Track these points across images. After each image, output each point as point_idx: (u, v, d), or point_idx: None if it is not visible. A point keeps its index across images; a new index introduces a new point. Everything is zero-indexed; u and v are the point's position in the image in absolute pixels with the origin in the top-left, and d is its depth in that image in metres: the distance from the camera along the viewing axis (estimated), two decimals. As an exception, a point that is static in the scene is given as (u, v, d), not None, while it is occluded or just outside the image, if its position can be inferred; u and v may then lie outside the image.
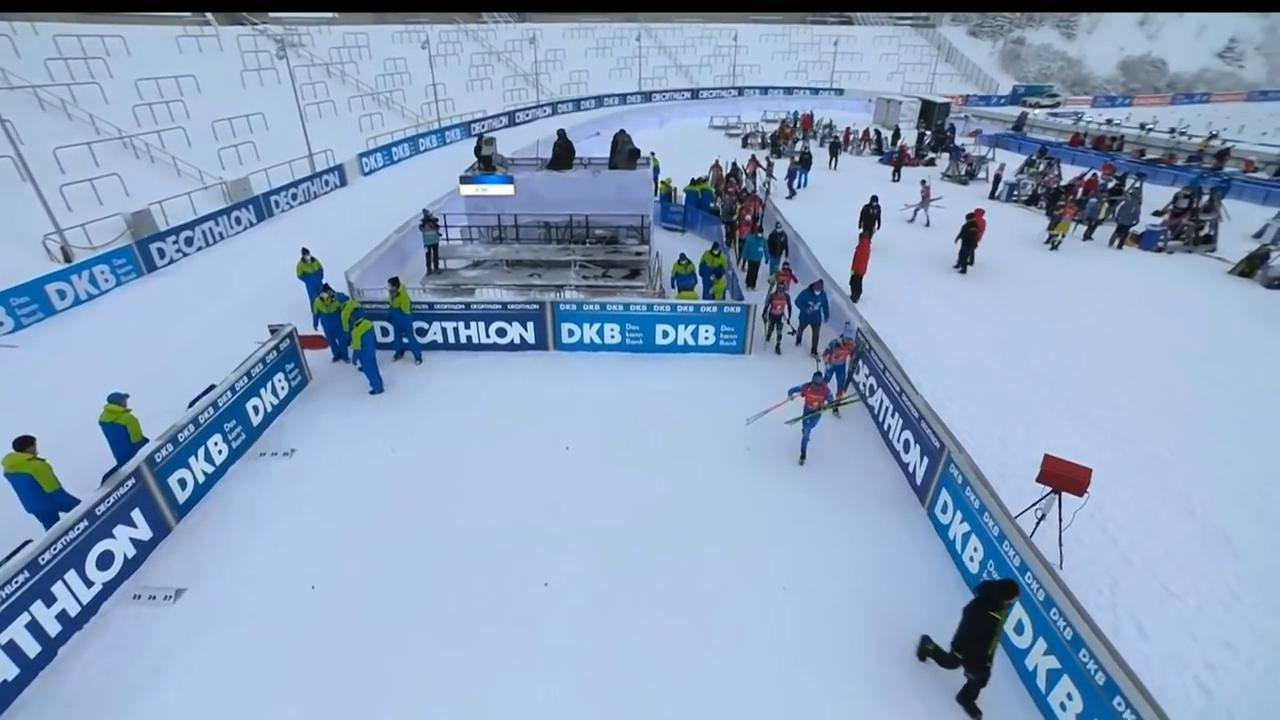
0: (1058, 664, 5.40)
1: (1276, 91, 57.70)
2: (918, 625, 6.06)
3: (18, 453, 6.40)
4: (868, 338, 9.62)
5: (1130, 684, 4.70)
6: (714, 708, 5.38)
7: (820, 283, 10.96)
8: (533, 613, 6.23)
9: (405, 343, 10.83)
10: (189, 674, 5.61)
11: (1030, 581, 5.75)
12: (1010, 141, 31.29)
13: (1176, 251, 17.18)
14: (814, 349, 11.18)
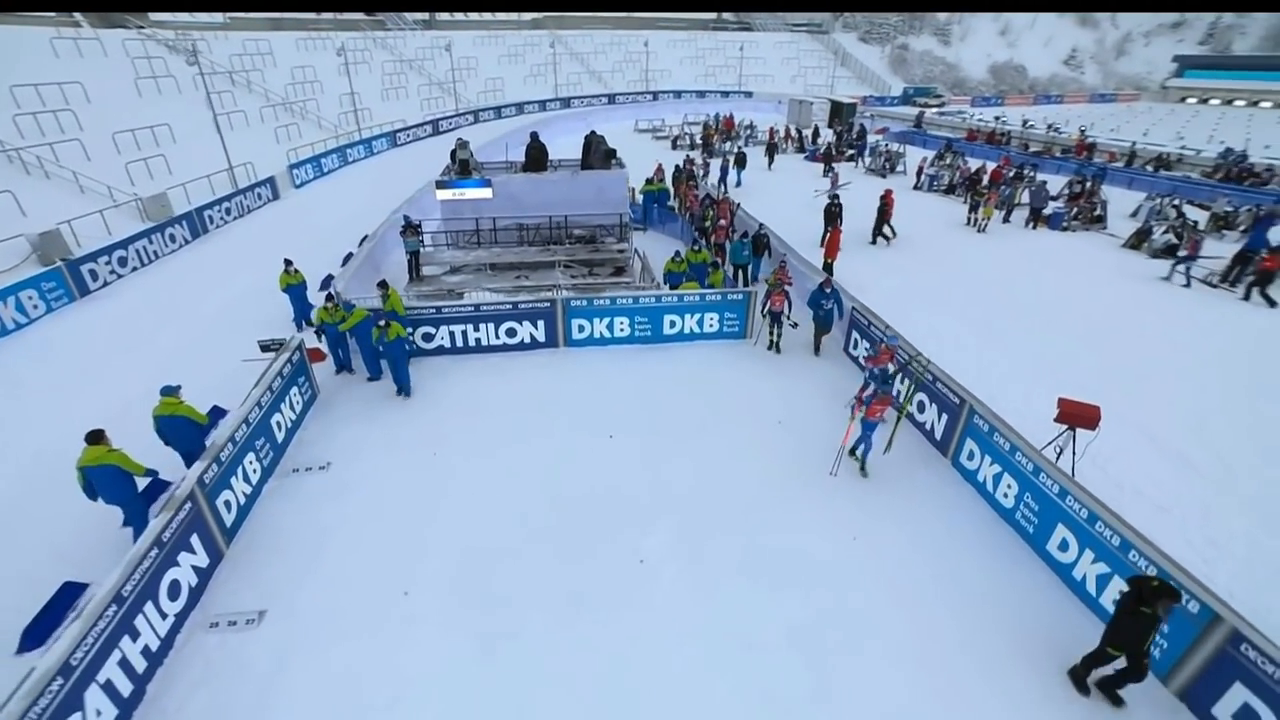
0: (1107, 568, 6.27)
1: (1111, 94, 66.02)
2: (973, 562, 6.81)
3: (94, 446, 6.22)
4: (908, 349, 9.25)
5: (1173, 567, 5.61)
6: (826, 659, 5.81)
7: (829, 280, 11.06)
8: (638, 588, 6.41)
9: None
10: (299, 696, 5.37)
11: (1072, 503, 6.62)
12: (915, 138, 34.06)
13: (1077, 230, 19.56)
14: (816, 348, 11.34)
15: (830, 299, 10.82)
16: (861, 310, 10.59)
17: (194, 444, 7.19)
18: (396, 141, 30.55)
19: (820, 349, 11.33)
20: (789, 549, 6.96)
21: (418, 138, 32.51)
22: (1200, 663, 5.45)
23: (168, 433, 7.16)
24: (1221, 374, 11.06)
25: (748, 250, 13.45)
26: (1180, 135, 39.87)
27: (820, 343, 11.33)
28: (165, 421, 7.11)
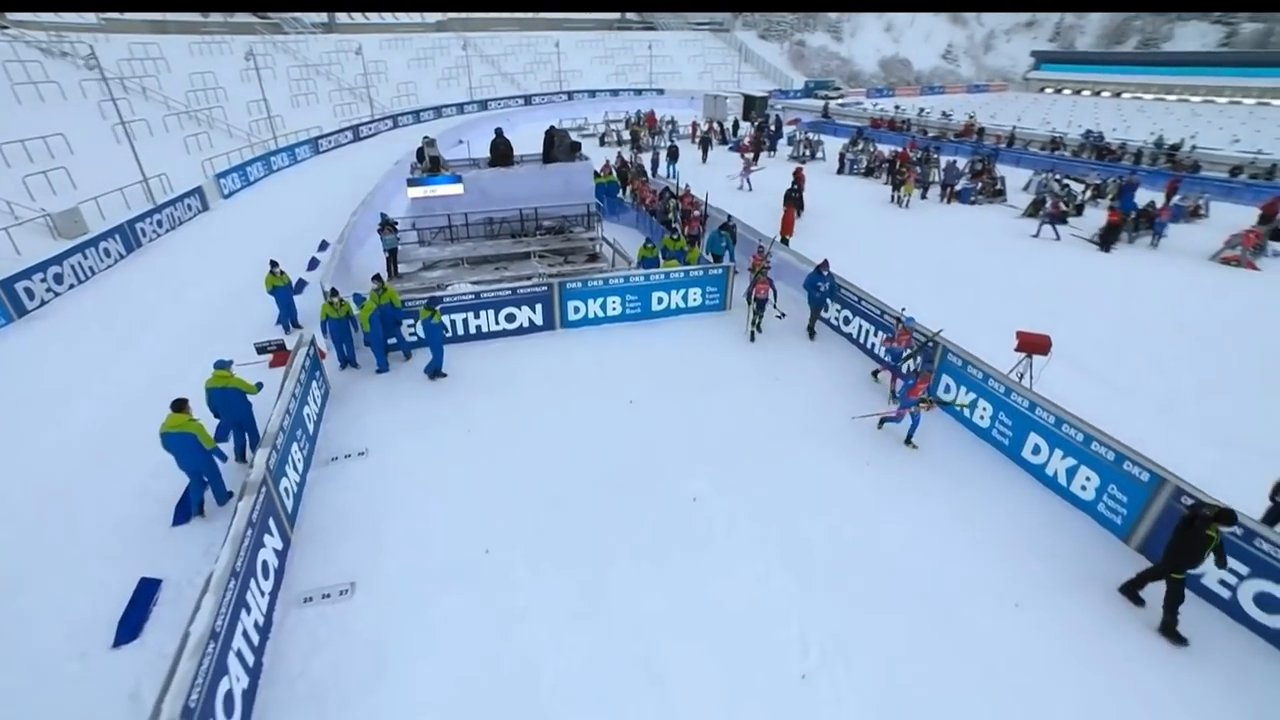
0: (1074, 461, 7.62)
1: (984, 85, 72.77)
2: (970, 473, 8.02)
3: (177, 414, 6.73)
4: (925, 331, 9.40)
5: (1131, 450, 6.99)
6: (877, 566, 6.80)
7: (826, 263, 11.30)
8: (699, 524, 7.13)
9: (392, 341, 10.60)
10: (414, 650, 5.70)
11: (1040, 413, 7.95)
12: (826, 127, 36.47)
13: (983, 203, 21.97)
14: (811, 329, 11.69)
15: (826, 281, 11.21)
16: (850, 289, 11.32)
17: (244, 414, 7.87)
18: (319, 149, 29.47)
19: (815, 332, 11.77)
20: (817, 479, 7.90)
21: (339, 144, 31.46)
22: (1152, 518, 6.83)
23: (219, 404, 7.61)
24: (1110, 309, 13.19)
25: (725, 241, 13.84)
26: (1046, 120, 44.82)
27: (815, 325, 11.76)
28: (218, 394, 7.56)
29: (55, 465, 8.21)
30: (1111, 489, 7.20)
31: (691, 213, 15.54)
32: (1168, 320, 12.94)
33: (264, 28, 45.83)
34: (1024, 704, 5.28)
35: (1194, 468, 7.01)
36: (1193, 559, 5.76)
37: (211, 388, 7.60)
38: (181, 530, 7.10)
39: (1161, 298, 14.13)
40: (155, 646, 5.71)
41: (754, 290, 11.21)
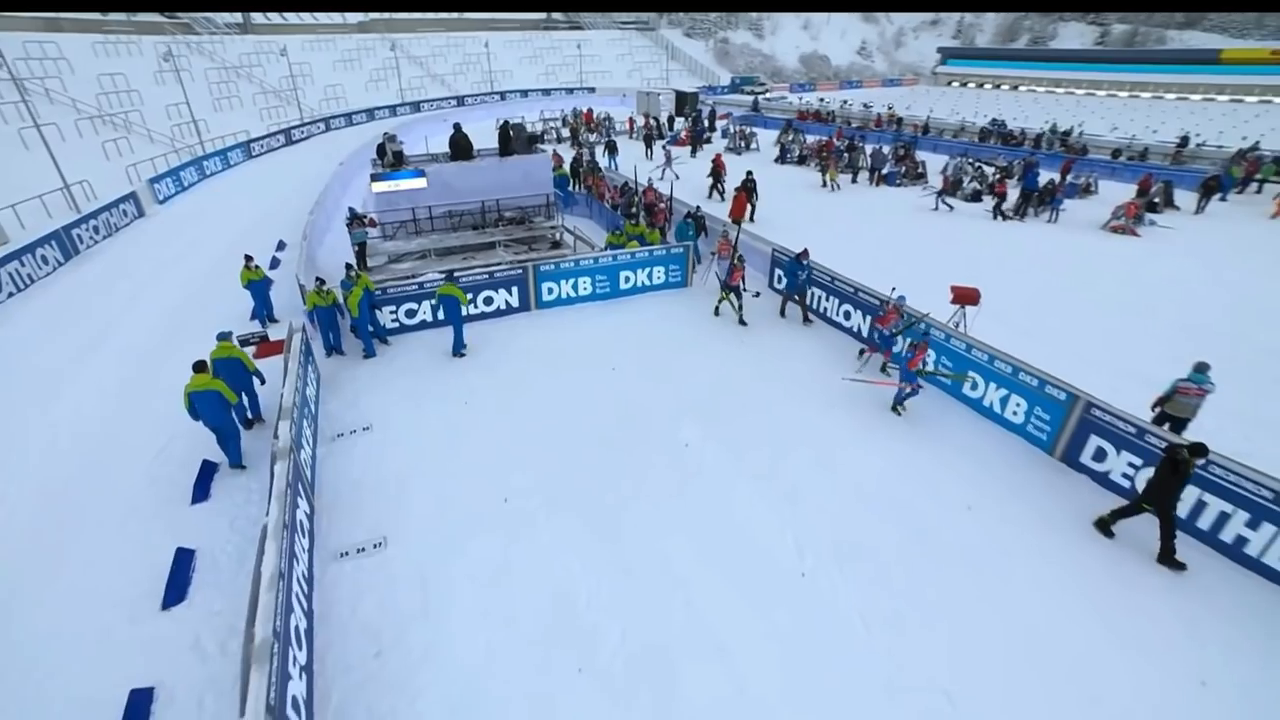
0: (1006, 391, 8.89)
1: (897, 79, 77.10)
2: (924, 411, 9.18)
3: (199, 374, 7.40)
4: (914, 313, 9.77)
5: (1050, 376, 8.28)
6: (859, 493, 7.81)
7: (806, 252, 11.74)
8: (693, 463, 7.95)
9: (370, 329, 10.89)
10: (456, 585, 6.24)
11: (978, 352, 9.19)
12: (756, 120, 38.12)
13: (907, 185, 23.83)
14: (805, 316, 12.08)
15: (805, 269, 11.73)
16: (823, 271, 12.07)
17: (247, 385, 8.55)
18: (251, 153, 28.58)
19: (785, 312, 12.36)
20: (794, 422, 8.87)
21: (271, 148, 30.58)
22: (1070, 431, 8.14)
23: (223, 373, 7.95)
24: (1021, 270, 14.95)
25: (691, 230, 14.38)
26: (955, 111, 48.22)
27: (786, 308, 12.35)
28: (221, 363, 8.05)
29: (51, 464, 8.19)
30: (1037, 410, 8.49)
31: (657, 205, 16.26)
32: (1069, 278, 14.74)
33: (174, 27, 43.63)
34: (980, 580, 6.35)
35: (1097, 393, 8.35)
36: (1176, 494, 6.47)
37: (216, 358, 8.02)
38: (201, 508, 7.33)
39: (1062, 260, 16.02)
40: (203, 605, 6.03)
41: (730, 278, 11.66)
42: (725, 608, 5.98)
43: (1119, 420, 7.59)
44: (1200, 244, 17.46)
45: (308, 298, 10.02)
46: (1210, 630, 5.76)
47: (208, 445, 7.94)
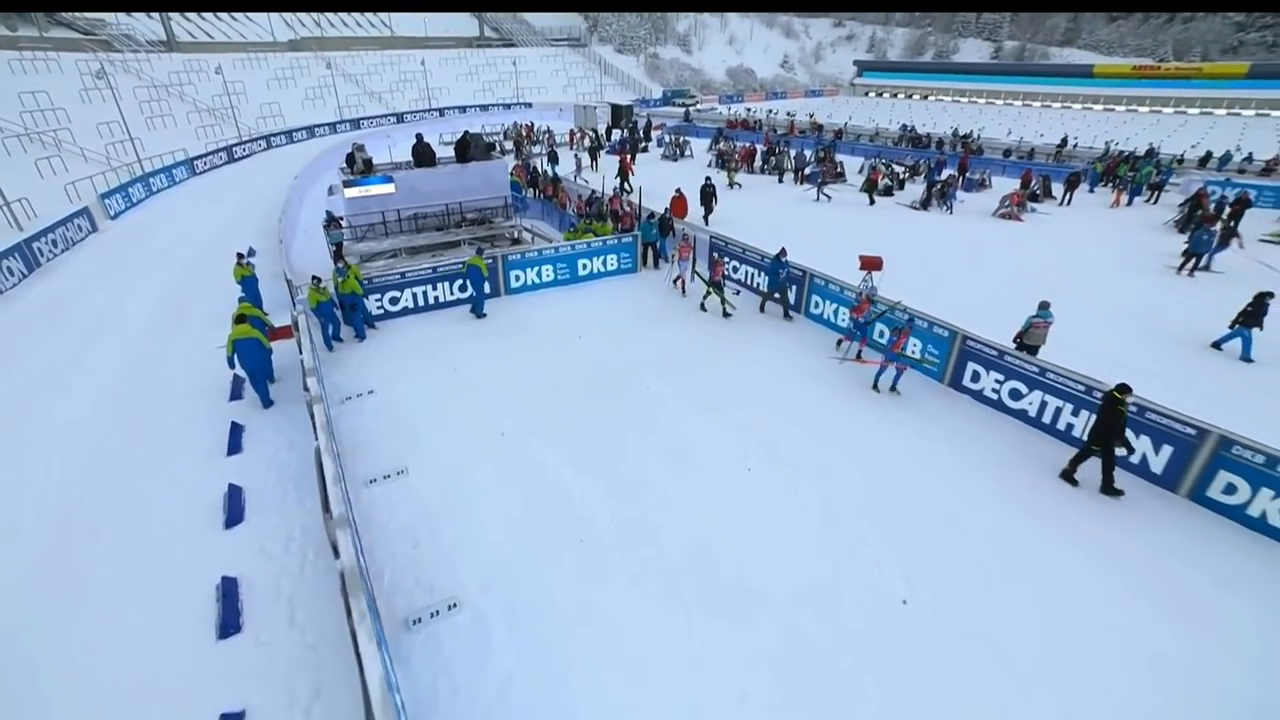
0: (921, 343, 10.87)
1: (819, 90, 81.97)
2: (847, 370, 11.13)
3: (239, 325, 9.31)
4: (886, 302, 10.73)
5: (940, 320, 10.37)
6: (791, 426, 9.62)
7: (784, 251, 12.58)
8: (656, 402, 9.60)
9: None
10: (478, 492, 7.65)
11: (900, 311, 11.16)
12: (689, 130, 40.53)
13: (828, 184, 26.42)
14: (786, 311, 12.84)
15: (784, 268, 12.61)
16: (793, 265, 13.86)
17: (257, 300, 10.65)
18: (195, 170, 28.69)
19: (765, 308, 13.26)
20: (739, 374, 10.63)
21: (215, 165, 30.69)
22: (953, 361, 10.24)
23: (246, 289, 10.23)
24: (925, 249, 17.39)
25: (655, 229, 15.47)
26: (872, 119, 52.20)
27: (765, 305, 13.25)
28: (245, 281, 10.53)
29: (86, 434, 9.07)
30: (929, 348, 10.57)
31: (622, 210, 17.66)
32: (963, 254, 17.27)
33: (94, 45, 42.55)
34: (882, 467, 8.24)
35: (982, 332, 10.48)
36: (1117, 432, 7.48)
37: (239, 279, 10.72)
38: (238, 458, 8.45)
39: (958, 240, 18.64)
40: (260, 525, 7.24)
41: (711, 273, 12.83)
42: (690, 495, 7.63)
43: (985, 348, 9.73)
44: (1064, 226, 20.55)
45: (310, 295, 11.03)
46: (1141, 534, 7.06)
47: (226, 418, 9.06)
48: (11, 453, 8.63)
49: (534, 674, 5.44)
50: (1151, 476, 8.00)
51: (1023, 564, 6.65)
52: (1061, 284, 14.68)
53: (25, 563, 6.72)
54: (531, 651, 5.65)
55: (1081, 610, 6.07)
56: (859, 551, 6.81)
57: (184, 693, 5.28)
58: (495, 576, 6.48)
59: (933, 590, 6.29)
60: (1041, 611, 6.06)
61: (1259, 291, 11.21)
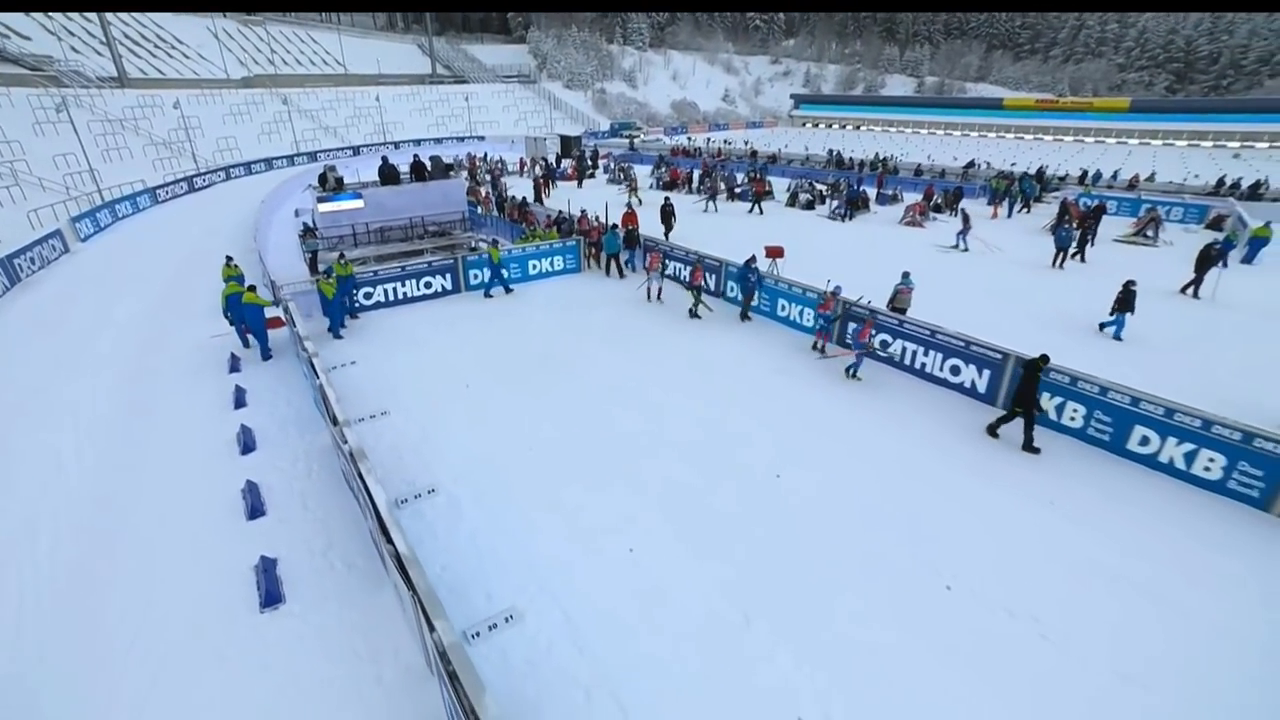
0: (800, 306, 13.26)
1: (759, 122, 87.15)
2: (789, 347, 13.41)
3: (250, 292, 11.70)
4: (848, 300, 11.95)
5: (819, 289, 12.76)
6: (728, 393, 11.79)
7: (753, 258, 13.89)
8: (600, 362, 11.63)
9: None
10: (451, 432, 9.39)
11: (814, 295, 13.50)
12: (634, 158, 43.45)
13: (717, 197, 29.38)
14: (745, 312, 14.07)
15: (754, 274, 13.81)
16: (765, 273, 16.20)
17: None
18: (158, 198, 29.81)
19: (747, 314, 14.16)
20: (664, 343, 12.78)
21: (177, 194, 31.82)
22: (837, 324, 12.60)
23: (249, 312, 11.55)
24: (842, 248, 20.07)
25: (618, 241, 16.90)
26: (806, 146, 56.42)
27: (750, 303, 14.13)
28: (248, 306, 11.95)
29: (108, 400, 10.53)
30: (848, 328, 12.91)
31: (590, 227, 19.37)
32: (874, 253, 19.99)
33: (43, 80, 42.98)
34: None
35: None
36: (1033, 394, 8.61)
37: (246, 302, 11.79)
38: (243, 411, 10.06)
39: (867, 242, 21.44)
40: (273, 452, 8.89)
41: (693, 279, 14.06)
42: (621, 409, 9.64)
43: (863, 309, 12.15)
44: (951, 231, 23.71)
45: (322, 287, 12.74)
46: (1053, 475, 8.38)
47: (230, 384, 10.69)
48: (40, 420, 10.02)
49: (495, 528, 7.30)
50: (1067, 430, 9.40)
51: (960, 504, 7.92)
52: (952, 276, 17.40)
53: (74, 490, 8.22)
54: (492, 514, 7.53)
55: (996, 521, 7.51)
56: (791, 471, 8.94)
57: (227, 552, 6.95)
58: (463, 471, 8.34)
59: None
60: (987, 534, 7.30)
61: (1125, 280, 12.81)
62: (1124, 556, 6.85)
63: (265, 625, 6.02)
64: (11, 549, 7.06)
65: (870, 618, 6.06)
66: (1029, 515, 7.57)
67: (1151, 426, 8.47)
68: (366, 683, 5.38)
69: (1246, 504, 7.76)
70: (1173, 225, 25.86)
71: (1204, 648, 5.77)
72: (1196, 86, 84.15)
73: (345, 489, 8.02)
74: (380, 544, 6.06)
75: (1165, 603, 6.26)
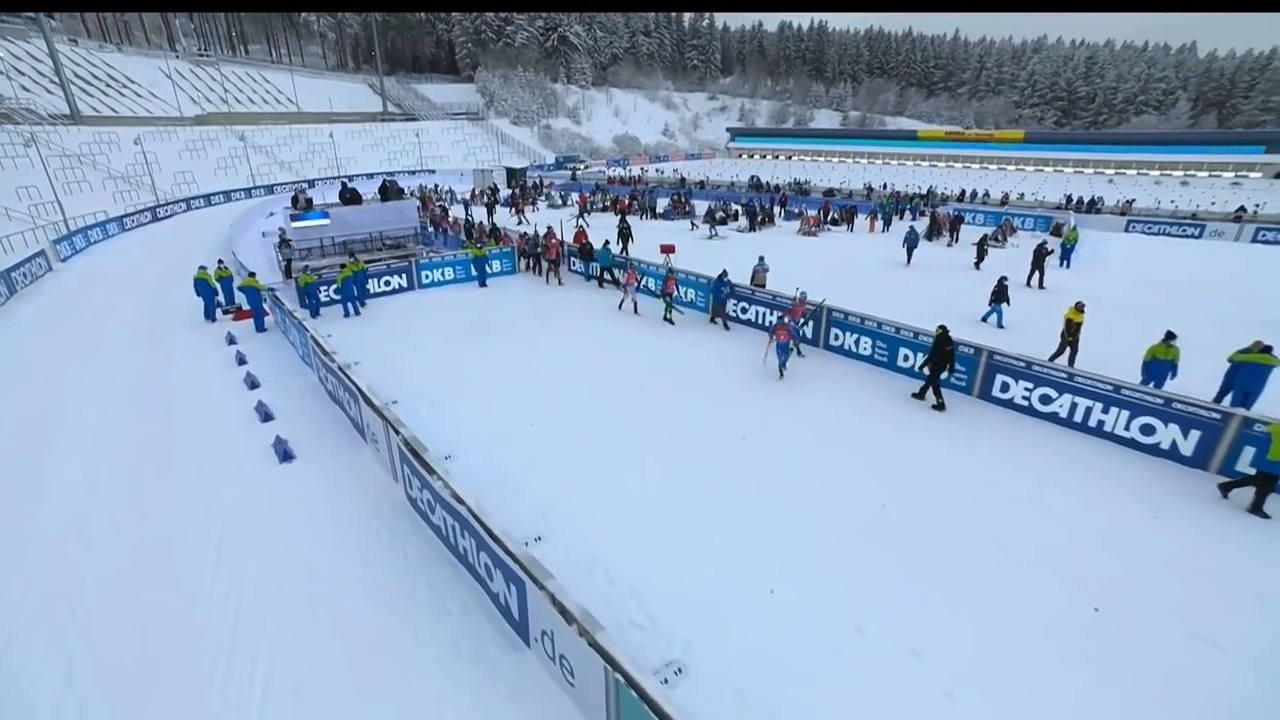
0: (694, 291, 16.94)
1: (698, 154, 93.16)
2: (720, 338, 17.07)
3: (251, 278, 14.15)
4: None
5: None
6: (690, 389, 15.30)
7: (725, 272, 15.33)
8: (540, 335, 14.99)
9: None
10: (409, 369, 12.65)
11: (703, 278, 17.22)
12: (575, 187, 47.54)
13: (677, 219, 33.50)
14: (714, 317, 15.68)
15: (727, 286, 15.28)
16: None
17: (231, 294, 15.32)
18: (125, 226, 32.06)
19: (716, 320, 15.78)
20: (587, 315, 16.24)
21: (141, 223, 34.05)
22: (712, 302, 16.33)
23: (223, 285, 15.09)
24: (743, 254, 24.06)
25: (609, 255, 19.23)
26: (737, 174, 61.74)
27: (715, 316, 15.74)
28: (223, 280, 15.02)
29: (119, 372, 13.28)
30: (700, 295, 16.65)
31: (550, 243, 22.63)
32: (780, 254, 23.93)
33: (-2, 118, 44.45)
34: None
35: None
36: (941, 363, 10.53)
37: (242, 286, 14.51)
38: (245, 368, 13.00)
39: (778, 248, 25.44)
40: (279, 388, 11.88)
41: (665, 287, 15.70)
42: (560, 346, 13.01)
43: (739, 287, 15.87)
44: (842, 240, 28.24)
45: (339, 275, 15.95)
46: (959, 421, 10.50)
47: (231, 351, 13.64)
48: (80, 380, 12.74)
49: (435, 414, 10.53)
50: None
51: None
52: (829, 271, 21.44)
53: (120, 421, 11.05)
54: (436, 409, 10.75)
55: (925, 461, 10.99)
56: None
57: (254, 437, 9.99)
58: (427, 390, 11.56)
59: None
60: (914, 477, 10.69)
61: (1000, 277, 15.09)
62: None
63: (286, 471, 9.12)
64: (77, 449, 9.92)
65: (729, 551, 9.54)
66: (943, 451, 9.65)
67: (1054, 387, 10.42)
68: (351, 493, 8.53)
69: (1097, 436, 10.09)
70: (1024, 233, 31.07)
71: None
72: (1080, 121, 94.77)
73: (330, 405, 11.12)
74: (364, 411, 9.23)
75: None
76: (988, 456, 9.42)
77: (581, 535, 7.38)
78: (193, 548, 7.41)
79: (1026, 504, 8.22)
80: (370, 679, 5.56)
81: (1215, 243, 29.26)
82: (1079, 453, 9.59)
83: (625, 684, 4.28)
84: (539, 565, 5.35)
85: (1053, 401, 10.55)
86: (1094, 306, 13.19)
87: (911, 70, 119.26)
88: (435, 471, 7.00)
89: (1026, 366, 10.75)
